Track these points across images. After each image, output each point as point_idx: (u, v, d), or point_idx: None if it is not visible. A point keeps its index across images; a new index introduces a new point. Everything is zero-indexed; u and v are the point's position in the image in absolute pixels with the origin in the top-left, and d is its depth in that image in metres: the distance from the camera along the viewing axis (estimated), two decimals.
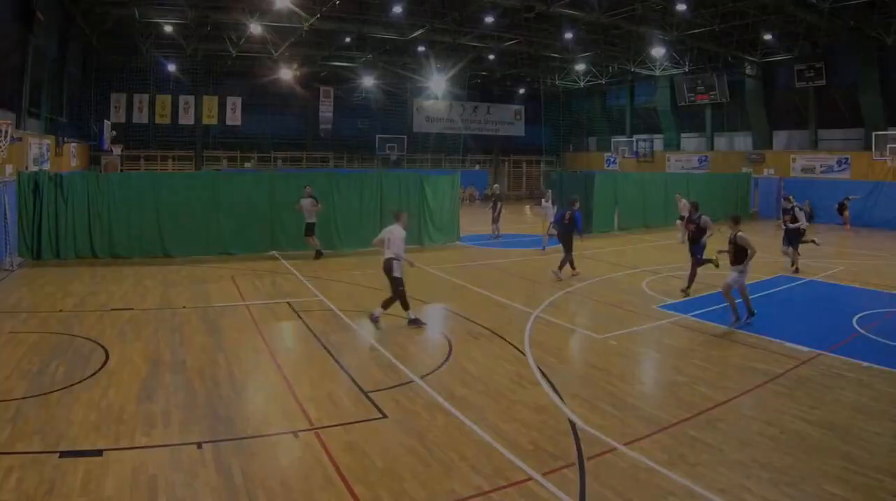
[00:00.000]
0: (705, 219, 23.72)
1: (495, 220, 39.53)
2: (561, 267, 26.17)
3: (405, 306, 18.95)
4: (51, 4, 40.66)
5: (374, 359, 15.95)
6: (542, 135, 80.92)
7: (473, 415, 12.32)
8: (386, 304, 18.91)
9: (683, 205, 35.97)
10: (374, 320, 18.84)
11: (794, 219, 27.88)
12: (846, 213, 46.74)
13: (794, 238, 28.11)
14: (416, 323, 18.91)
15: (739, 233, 18.75)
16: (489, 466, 10.34)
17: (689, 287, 23.54)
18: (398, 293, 18.85)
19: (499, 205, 39.62)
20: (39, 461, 10.11)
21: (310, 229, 30.05)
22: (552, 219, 30.55)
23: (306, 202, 29.77)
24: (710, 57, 59.24)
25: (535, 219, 43.01)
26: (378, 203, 33.18)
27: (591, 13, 45.09)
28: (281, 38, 53.62)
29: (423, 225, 34.42)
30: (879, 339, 17.86)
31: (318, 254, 30.18)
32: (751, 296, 19.49)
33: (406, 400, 13.08)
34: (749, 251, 18.52)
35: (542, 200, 30.78)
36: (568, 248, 26.51)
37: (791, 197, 30.08)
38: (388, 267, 18.80)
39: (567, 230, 26.70)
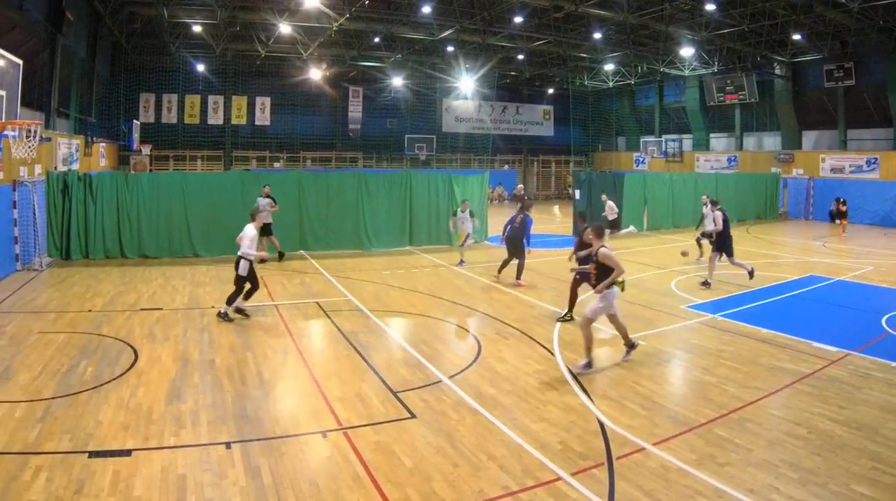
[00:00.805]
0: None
1: None
2: (519, 275, 25.66)
3: (230, 300, 19.33)
4: (80, 4, 40.91)
5: (403, 359, 15.97)
6: (571, 135, 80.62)
7: (502, 415, 12.34)
8: (230, 300, 19.40)
9: (611, 208, 35.96)
10: (223, 316, 19.21)
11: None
12: (844, 222, 43.63)
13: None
14: (224, 316, 19.23)
15: (602, 249, 15.75)
16: (518, 466, 10.35)
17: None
18: (238, 288, 19.23)
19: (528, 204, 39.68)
20: (68, 461, 10.20)
21: (267, 230, 28.60)
22: (469, 231, 29.69)
23: (264, 202, 28.76)
24: (739, 57, 58.97)
25: (565, 219, 42.87)
26: (407, 203, 33.35)
27: (620, 13, 45.09)
28: (310, 38, 53.88)
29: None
30: None
31: (281, 256, 29.89)
32: (781, 296, 19.36)
33: (435, 400, 13.12)
34: (615, 270, 15.49)
35: (458, 210, 29.49)
36: (519, 254, 25.82)
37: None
38: (235, 265, 19.02)
39: (516, 234, 25.80)
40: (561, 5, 44.39)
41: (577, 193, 40.48)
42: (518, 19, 49.18)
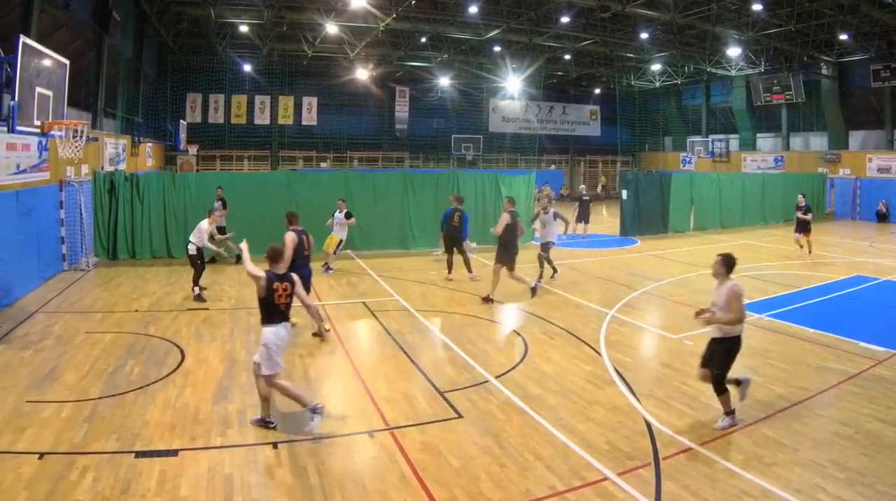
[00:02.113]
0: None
1: (587, 220, 39.94)
2: (469, 268, 26.01)
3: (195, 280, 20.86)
4: (126, 4, 41.40)
5: (450, 359, 16.01)
6: (617, 135, 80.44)
7: (549, 415, 12.37)
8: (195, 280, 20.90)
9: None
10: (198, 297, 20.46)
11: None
12: (808, 239, 31.45)
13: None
14: (199, 298, 20.67)
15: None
16: (564, 466, 10.40)
17: None
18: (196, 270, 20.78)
19: (588, 204, 39.70)
20: (115, 461, 10.34)
21: (221, 232, 26.81)
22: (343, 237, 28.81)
23: (218, 205, 26.99)
24: (785, 57, 58.45)
25: (612, 218, 42.81)
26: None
27: (667, 13, 44.84)
28: (357, 38, 54.01)
29: None
30: None
31: (238, 259, 27.30)
32: (828, 296, 19.29)
33: (481, 400, 13.15)
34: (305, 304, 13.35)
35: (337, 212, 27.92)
36: (460, 249, 25.87)
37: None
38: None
39: (452, 233, 25.81)
40: (608, 5, 44.24)
41: (625, 193, 40.37)
42: (565, 19, 48.98)
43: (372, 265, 28.63)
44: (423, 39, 57.75)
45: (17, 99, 14.90)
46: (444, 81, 68.67)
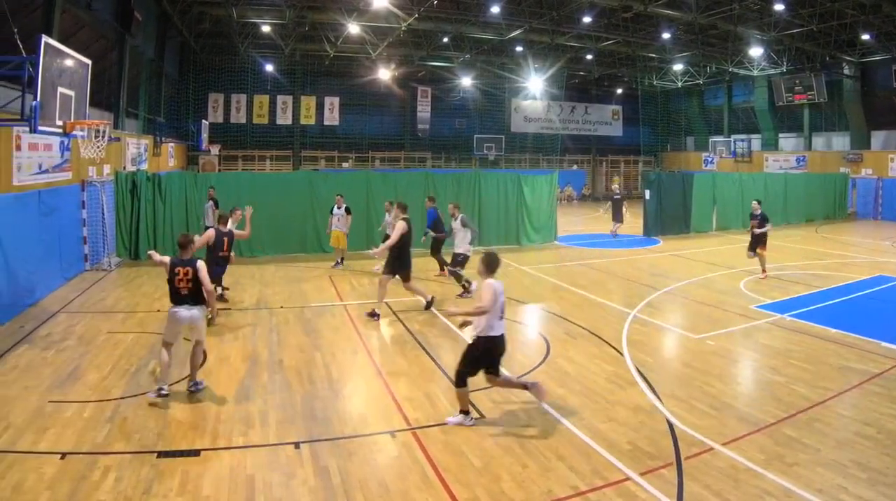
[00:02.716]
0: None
1: (621, 219, 40.07)
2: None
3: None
4: (148, 4, 41.64)
5: None
6: (640, 135, 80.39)
7: (571, 415, 12.38)
8: None
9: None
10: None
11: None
12: (763, 253, 26.89)
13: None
14: (221, 298, 20.54)
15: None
16: (587, 466, 10.40)
17: None
18: None
19: (620, 203, 39.73)
20: (137, 461, 10.39)
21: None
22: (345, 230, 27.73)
23: (209, 206, 27.72)
24: (807, 57, 58.26)
25: (635, 220, 42.80)
26: (476, 203, 33.34)
27: (689, 13, 44.78)
28: (379, 37, 54.05)
29: (520, 224, 34.66)
30: None
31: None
32: (850, 296, 19.24)
33: (503, 400, 13.15)
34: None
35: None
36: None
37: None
38: None
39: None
40: (630, 5, 44.20)
41: (647, 193, 40.38)
42: (587, 19, 48.91)
43: None
44: (446, 39, 57.70)
45: (39, 99, 14.98)
46: (466, 81, 68.53)
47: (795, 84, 61.19)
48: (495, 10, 46.65)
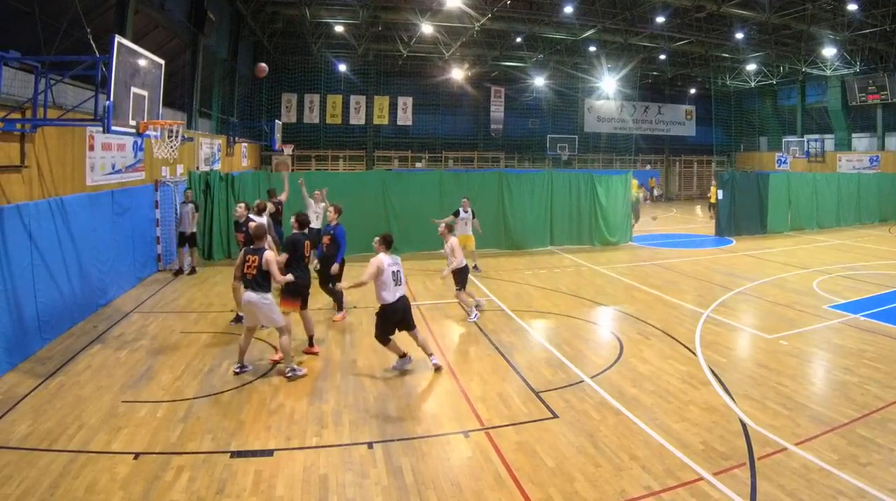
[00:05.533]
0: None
1: None
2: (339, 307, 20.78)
3: None
4: (221, 5, 42.25)
5: (545, 359, 16.09)
6: (713, 135, 79.48)
7: (644, 415, 12.48)
8: None
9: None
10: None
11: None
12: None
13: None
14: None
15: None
16: (660, 466, 10.52)
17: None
18: None
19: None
20: (210, 460, 10.64)
21: (191, 240, 26.62)
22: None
23: (189, 208, 26.34)
24: (881, 56, 57.56)
25: (707, 219, 42.62)
26: (548, 203, 33.49)
27: (762, 13, 44.49)
28: (452, 38, 54.33)
29: (594, 225, 34.68)
30: None
31: (193, 270, 26.86)
32: None
33: (576, 400, 13.25)
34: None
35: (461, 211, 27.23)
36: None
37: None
38: None
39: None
40: (703, 5, 44.05)
41: (720, 193, 40.24)
42: (660, 19, 48.80)
43: None
44: (519, 39, 57.73)
45: (112, 99, 15.21)
46: (539, 81, 68.23)
47: (869, 84, 60.46)
48: (568, 10, 46.63)
